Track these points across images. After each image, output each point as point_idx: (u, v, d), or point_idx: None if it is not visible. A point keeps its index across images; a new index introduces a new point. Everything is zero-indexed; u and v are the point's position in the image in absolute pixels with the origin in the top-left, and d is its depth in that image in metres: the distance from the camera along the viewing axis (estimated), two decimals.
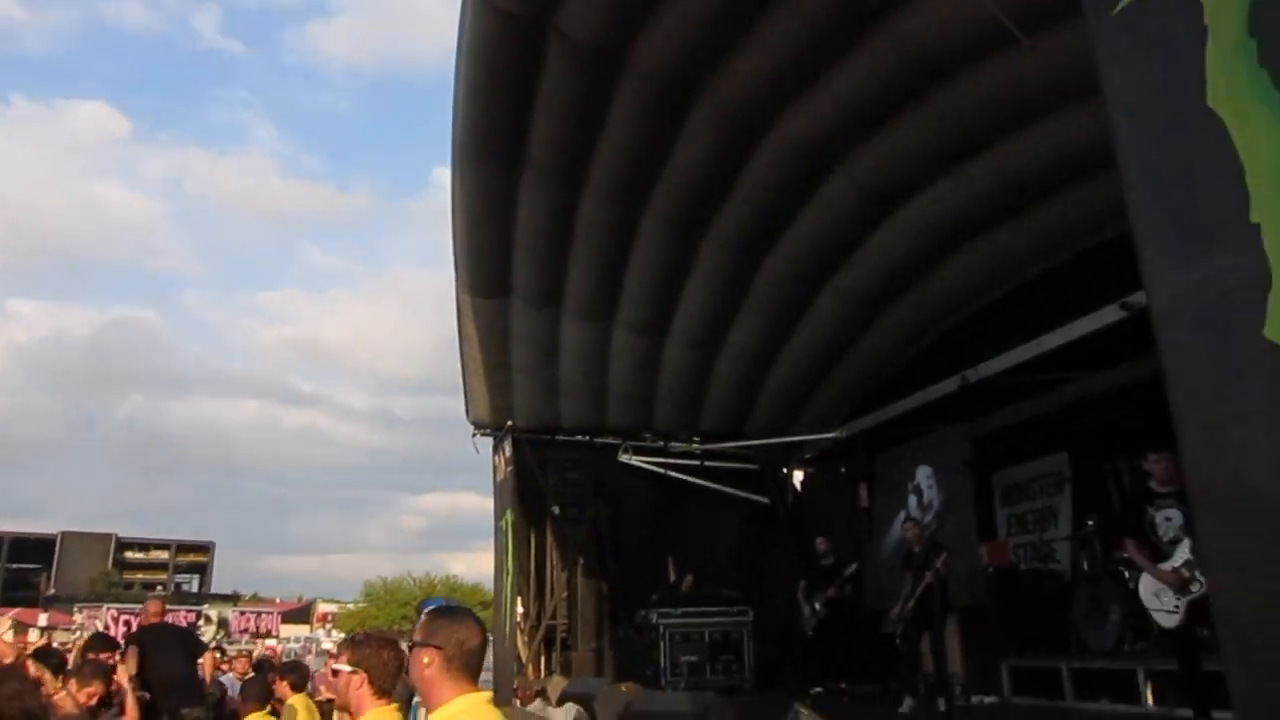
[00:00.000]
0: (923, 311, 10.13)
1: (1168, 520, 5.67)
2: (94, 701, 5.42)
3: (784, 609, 12.67)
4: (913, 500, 10.64)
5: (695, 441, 12.86)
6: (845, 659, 11.08)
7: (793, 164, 8.21)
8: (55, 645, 13.44)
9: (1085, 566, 9.64)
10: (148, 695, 7.03)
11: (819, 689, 10.14)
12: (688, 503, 12.76)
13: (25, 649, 7.83)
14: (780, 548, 12.94)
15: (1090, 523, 9.20)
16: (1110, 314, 7.63)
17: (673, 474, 12.62)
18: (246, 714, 6.07)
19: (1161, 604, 5.58)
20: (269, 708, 6.21)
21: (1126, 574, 8.26)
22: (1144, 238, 2.39)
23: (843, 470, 12.45)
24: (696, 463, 12.81)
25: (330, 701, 5.30)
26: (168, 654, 7.78)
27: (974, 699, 9.01)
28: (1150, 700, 7.28)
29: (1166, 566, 5.55)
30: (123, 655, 7.16)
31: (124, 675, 6.59)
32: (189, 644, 8.57)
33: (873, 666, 11.00)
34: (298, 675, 6.79)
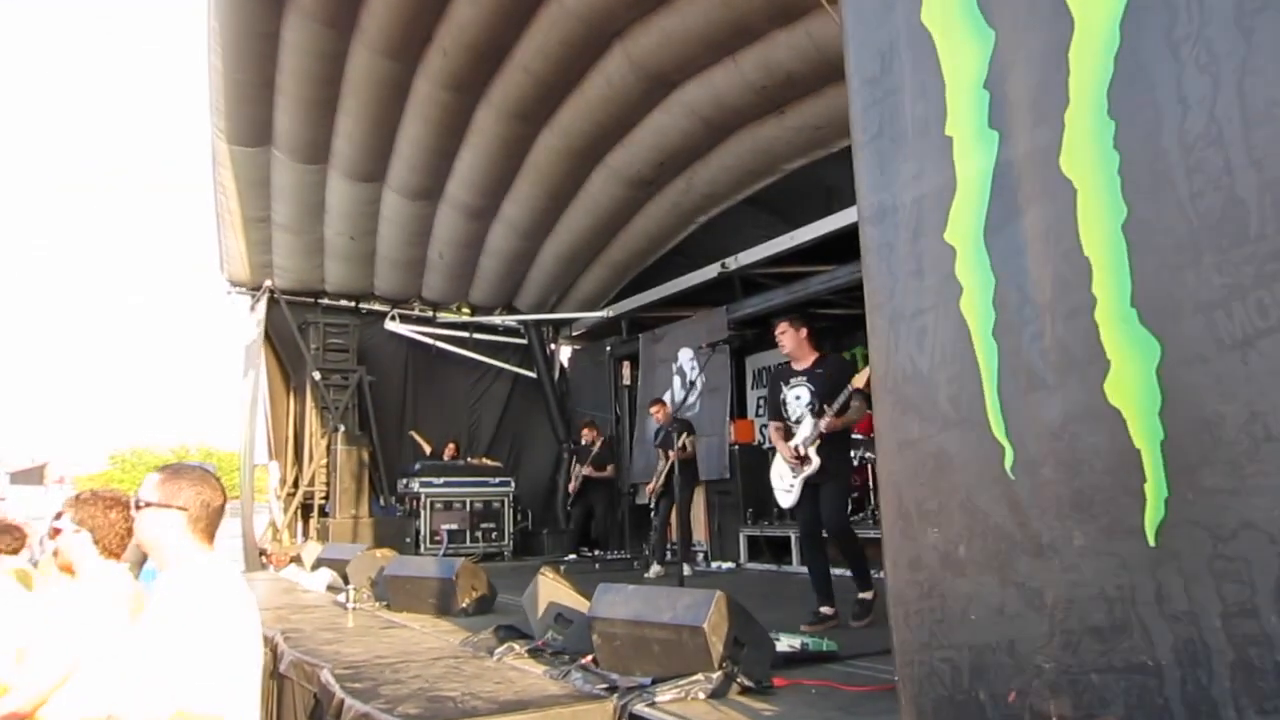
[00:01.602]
0: (690, 198, 10.37)
1: (797, 399, 5.56)
2: None
3: (545, 481, 13.07)
4: (677, 381, 11.11)
5: (465, 312, 12.79)
6: (601, 530, 11.62)
7: (572, 33, 8.03)
8: None
9: None
10: None
11: (573, 556, 10.61)
12: (454, 373, 12.76)
13: None
14: (544, 422, 13.25)
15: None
16: (854, 213, 8.17)
17: (440, 344, 12.53)
18: None
19: (781, 483, 5.53)
20: None
21: (852, 452, 9.07)
22: (859, 142, 2.55)
23: (608, 349, 12.77)
24: (465, 334, 12.76)
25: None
26: None
27: (714, 565, 9.74)
28: None
29: (790, 445, 5.45)
30: None
31: None
32: None
33: (627, 537, 11.62)
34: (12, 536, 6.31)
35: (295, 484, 11.46)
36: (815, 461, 5.28)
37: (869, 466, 8.99)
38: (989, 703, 2.03)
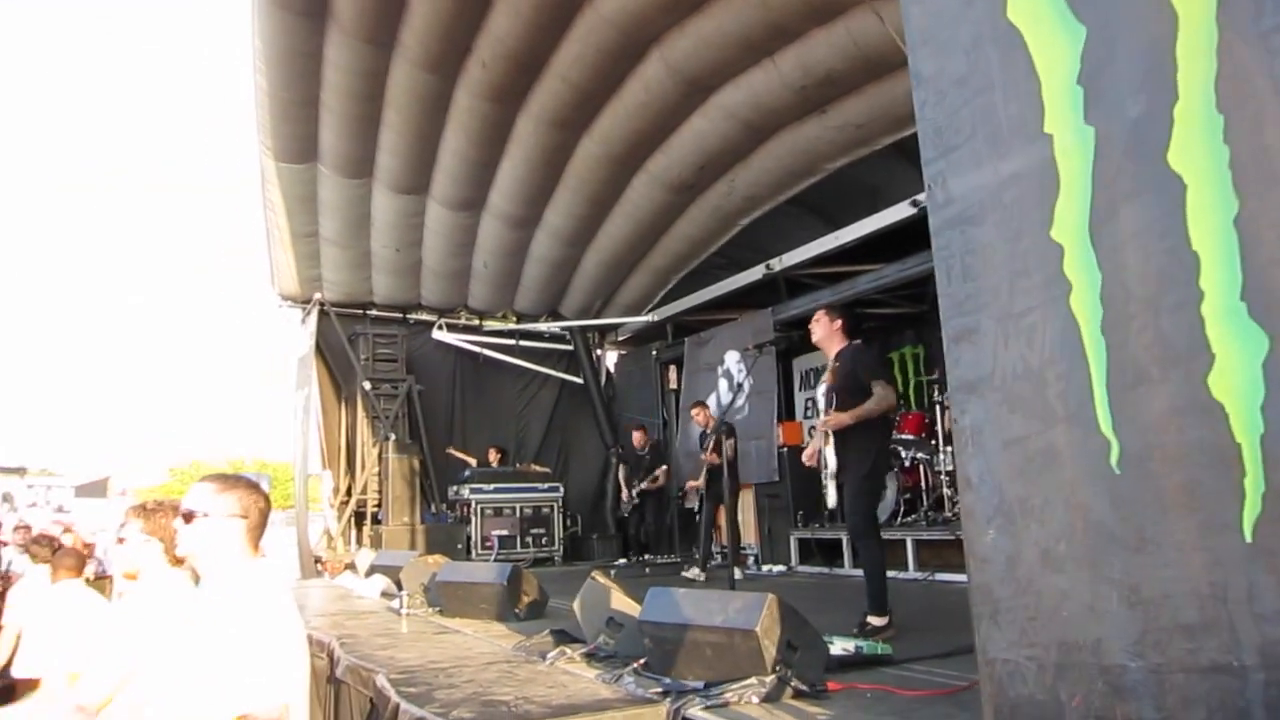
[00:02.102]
0: (732, 200, 10.34)
1: (823, 396, 5.32)
2: None
3: (594, 486, 13.12)
4: (723, 384, 11.09)
5: (510, 320, 12.89)
6: (651, 534, 11.64)
7: (609, 41, 8.06)
8: None
9: None
10: None
11: (623, 560, 10.63)
12: (501, 381, 12.87)
13: None
14: (591, 427, 13.29)
15: None
16: (902, 210, 8.11)
17: (487, 352, 12.64)
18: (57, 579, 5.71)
19: (826, 486, 5.25)
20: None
21: (903, 452, 9.00)
22: (950, 144, 2.51)
23: (654, 353, 12.79)
24: (511, 342, 12.86)
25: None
26: None
27: (764, 568, 9.70)
28: (913, 566, 8.05)
29: (813, 447, 5.31)
30: None
31: None
32: None
33: (677, 541, 11.61)
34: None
35: (348, 493, 11.63)
36: (830, 463, 5.09)
37: (921, 466, 8.90)
38: (1068, 702, 2.01)
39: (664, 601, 3.87)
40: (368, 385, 11.54)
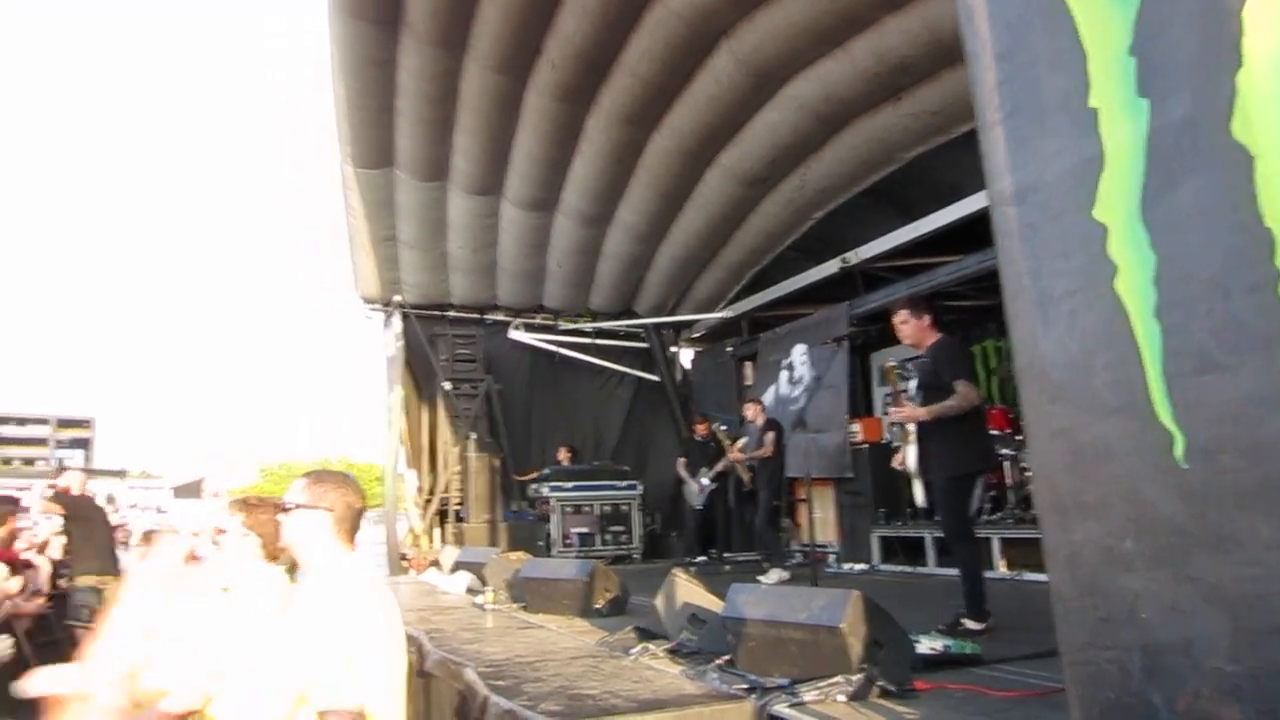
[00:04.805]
0: (805, 193, 10.23)
1: (909, 392, 5.21)
2: None
3: (671, 483, 13.09)
4: (784, 375, 10.95)
5: (586, 319, 12.96)
6: (730, 531, 11.56)
7: (677, 35, 8.06)
8: None
9: None
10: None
11: (703, 558, 10.59)
12: (578, 379, 12.93)
13: None
14: (667, 424, 13.29)
15: None
16: (982, 200, 7.91)
17: (564, 351, 12.73)
18: None
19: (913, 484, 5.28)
20: None
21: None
22: (990, 121, 2.45)
23: (729, 349, 12.72)
24: (587, 340, 12.93)
25: None
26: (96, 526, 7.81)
27: (845, 567, 9.58)
28: (1002, 566, 7.86)
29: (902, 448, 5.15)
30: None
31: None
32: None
33: (756, 538, 11.52)
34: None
35: (431, 491, 11.84)
36: (910, 461, 5.03)
37: (1006, 463, 8.69)
38: (1163, 706, 1.92)
39: (746, 598, 3.85)
40: (448, 385, 11.73)
